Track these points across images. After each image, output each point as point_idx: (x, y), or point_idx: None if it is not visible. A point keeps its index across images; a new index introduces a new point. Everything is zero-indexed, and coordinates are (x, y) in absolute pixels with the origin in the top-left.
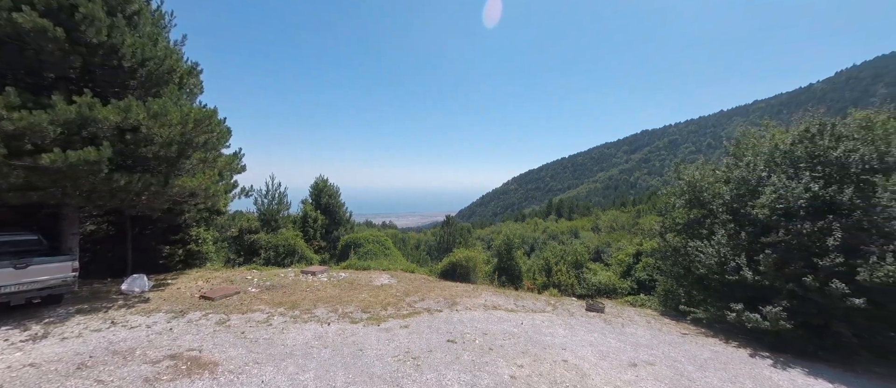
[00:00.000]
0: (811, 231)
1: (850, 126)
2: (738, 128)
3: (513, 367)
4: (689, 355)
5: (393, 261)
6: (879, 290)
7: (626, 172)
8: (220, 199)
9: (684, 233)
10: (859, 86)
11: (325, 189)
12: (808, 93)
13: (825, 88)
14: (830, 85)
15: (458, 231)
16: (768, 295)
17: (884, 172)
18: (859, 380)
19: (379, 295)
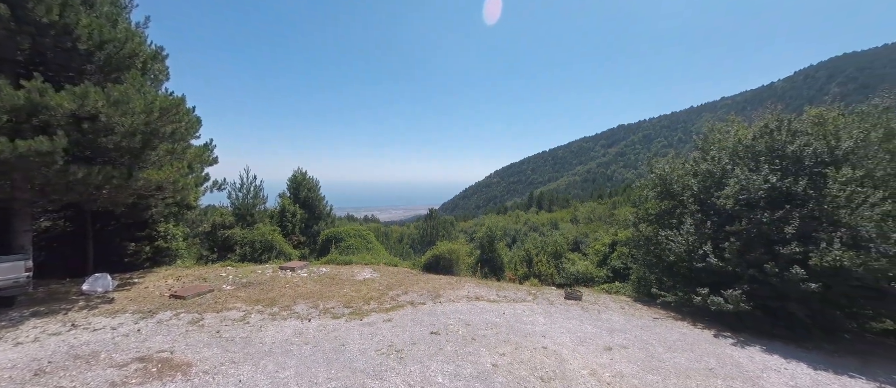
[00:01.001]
0: (770, 220)
1: (804, 122)
2: (706, 123)
3: (495, 356)
4: (660, 337)
5: (375, 255)
6: (828, 273)
7: (604, 166)
8: (191, 192)
9: (656, 223)
10: (815, 85)
11: (303, 182)
12: (769, 90)
13: (785, 86)
14: (790, 83)
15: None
16: (731, 280)
17: (834, 165)
18: (810, 355)
19: (361, 290)
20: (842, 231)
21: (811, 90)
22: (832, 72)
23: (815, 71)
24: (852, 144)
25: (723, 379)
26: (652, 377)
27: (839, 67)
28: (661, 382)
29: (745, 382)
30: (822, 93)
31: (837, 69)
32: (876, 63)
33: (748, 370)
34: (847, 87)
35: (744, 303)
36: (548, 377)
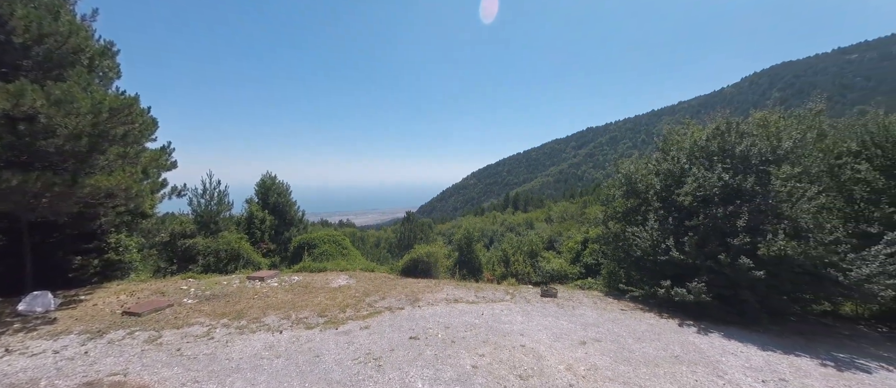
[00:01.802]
0: (724, 215)
1: (750, 125)
2: (666, 126)
3: (474, 357)
4: (629, 329)
5: (351, 261)
6: (774, 262)
7: (575, 167)
8: (146, 200)
9: (623, 220)
10: (759, 90)
11: (273, 187)
12: (720, 95)
13: (733, 91)
14: (737, 89)
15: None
16: (692, 272)
17: (776, 163)
18: (761, 338)
19: (336, 297)
20: (785, 223)
21: (755, 95)
22: (773, 78)
23: (758, 78)
24: (791, 144)
25: (687, 365)
26: (623, 367)
27: (779, 74)
28: (632, 372)
29: (706, 366)
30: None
31: (777, 76)
32: (809, 71)
33: (709, 355)
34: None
35: (704, 294)
36: (526, 375)
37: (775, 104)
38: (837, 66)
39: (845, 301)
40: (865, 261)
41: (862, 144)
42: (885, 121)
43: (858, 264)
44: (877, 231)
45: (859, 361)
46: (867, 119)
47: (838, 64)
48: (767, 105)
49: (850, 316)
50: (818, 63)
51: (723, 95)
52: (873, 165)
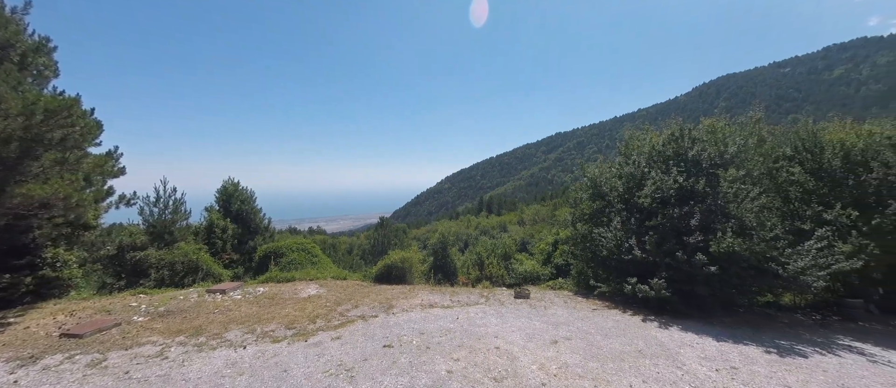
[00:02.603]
0: (679, 215)
1: (701, 131)
2: (627, 132)
3: (450, 362)
4: (598, 326)
5: (322, 269)
6: (724, 257)
7: (545, 170)
8: (88, 209)
9: (590, 222)
10: (708, 99)
11: (236, 194)
12: (674, 104)
13: (686, 100)
14: (689, 98)
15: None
16: (653, 269)
17: (723, 167)
18: (714, 329)
19: (306, 308)
20: (732, 222)
21: (704, 104)
22: (719, 89)
23: (707, 88)
24: (736, 149)
25: (650, 358)
26: (592, 364)
27: (724, 84)
28: (600, 367)
29: (667, 359)
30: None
31: (723, 87)
32: (750, 82)
33: (669, 347)
34: (731, 101)
35: (664, 290)
36: (501, 377)
37: (722, 112)
38: (774, 78)
39: (785, 292)
40: (800, 255)
41: (795, 149)
42: (814, 128)
43: (794, 258)
44: (809, 228)
45: (797, 347)
46: (799, 127)
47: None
48: (715, 113)
49: (789, 306)
50: (757, 75)
51: (677, 103)
52: (804, 168)
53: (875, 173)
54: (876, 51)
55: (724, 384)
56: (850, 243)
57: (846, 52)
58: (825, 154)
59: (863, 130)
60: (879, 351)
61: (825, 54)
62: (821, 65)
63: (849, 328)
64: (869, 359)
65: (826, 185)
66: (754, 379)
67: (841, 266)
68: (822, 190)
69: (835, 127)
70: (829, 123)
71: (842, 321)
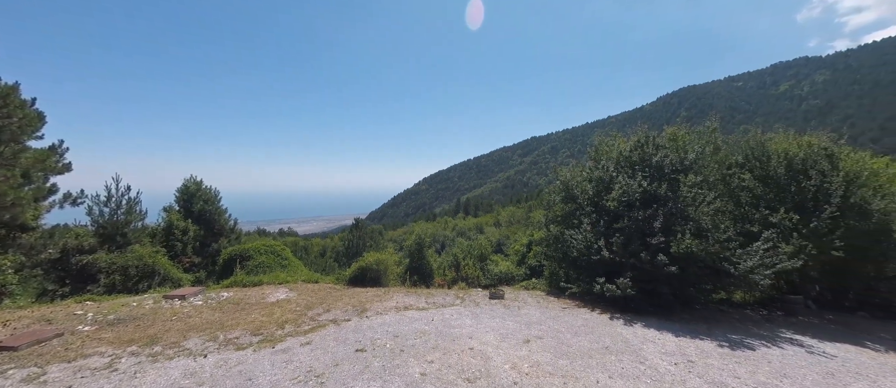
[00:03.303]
0: (643, 217)
1: (664, 138)
2: (597, 138)
3: (423, 364)
4: (568, 325)
5: (292, 272)
6: (683, 258)
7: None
8: (26, 209)
9: (562, 224)
10: (670, 108)
11: (198, 193)
12: (640, 112)
13: (651, 109)
14: (653, 107)
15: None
16: (620, 269)
17: (683, 172)
18: (674, 325)
19: (274, 313)
20: (690, 224)
21: (668, 113)
22: (681, 99)
23: (670, 98)
24: (694, 156)
25: (615, 354)
26: (562, 361)
27: (685, 96)
28: (570, 365)
29: (631, 354)
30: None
31: (684, 97)
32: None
33: (633, 343)
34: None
35: (629, 288)
36: (474, 377)
37: (682, 121)
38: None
39: (736, 290)
40: (749, 255)
41: (745, 157)
42: (762, 139)
43: (744, 258)
44: (757, 230)
45: (746, 340)
46: (749, 137)
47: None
48: (677, 122)
49: (739, 302)
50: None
51: (643, 111)
52: (754, 175)
53: (813, 180)
54: (815, 70)
55: (682, 376)
56: (792, 244)
57: (790, 70)
58: (771, 162)
59: (803, 142)
60: (816, 343)
61: (772, 71)
62: (769, 80)
63: (790, 321)
64: (807, 351)
65: (772, 190)
66: (708, 372)
67: (784, 265)
68: (768, 195)
69: (780, 138)
70: (775, 134)
71: (785, 316)
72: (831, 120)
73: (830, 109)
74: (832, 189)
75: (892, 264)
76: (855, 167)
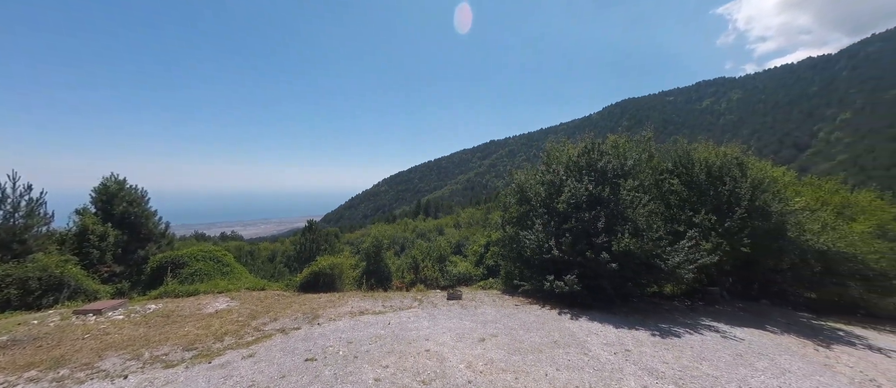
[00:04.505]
0: (589, 218)
1: (607, 145)
2: (549, 143)
3: (378, 369)
4: (521, 321)
5: (234, 280)
6: (622, 255)
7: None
8: None
9: (517, 224)
10: (614, 118)
11: (120, 194)
12: (588, 121)
13: (597, 118)
14: (600, 116)
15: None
16: (568, 267)
17: (623, 177)
18: (614, 318)
19: (212, 325)
20: (628, 224)
21: (612, 122)
22: (623, 110)
23: (613, 108)
24: (632, 162)
25: (563, 347)
26: (515, 357)
27: (626, 107)
28: (522, 360)
29: (577, 347)
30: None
31: (626, 108)
32: (645, 107)
33: (579, 336)
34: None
35: (576, 285)
36: (429, 379)
37: (624, 130)
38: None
39: (666, 283)
40: (677, 252)
41: (674, 164)
42: (687, 148)
43: (672, 255)
44: (683, 229)
45: (674, 328)
46: (677, 146)
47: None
48: (619, 131)
49: (669, 295)
50: (651, 101)
51: (590, 120)
52: (681, 180)
53: (727, 186)
54: (730, 89)
55: (620, 365)
56: (711, 242)
57: (711, 88)
58: (695, 169)
59: (720, 152)
60: (729, 328)
61: (697, 88)
62: (694, 96)
63: (709, 310)
64: (722, 336)
65: (695, 194)
66: (642, 359)
67: (704, 260)
68: (692, 198)
69: (702, 148)
70: (698, 145)
71: (705, 306)
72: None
73: (742, 123)
74: (742, 193)
75: (787, 258)
76: (759, 175)
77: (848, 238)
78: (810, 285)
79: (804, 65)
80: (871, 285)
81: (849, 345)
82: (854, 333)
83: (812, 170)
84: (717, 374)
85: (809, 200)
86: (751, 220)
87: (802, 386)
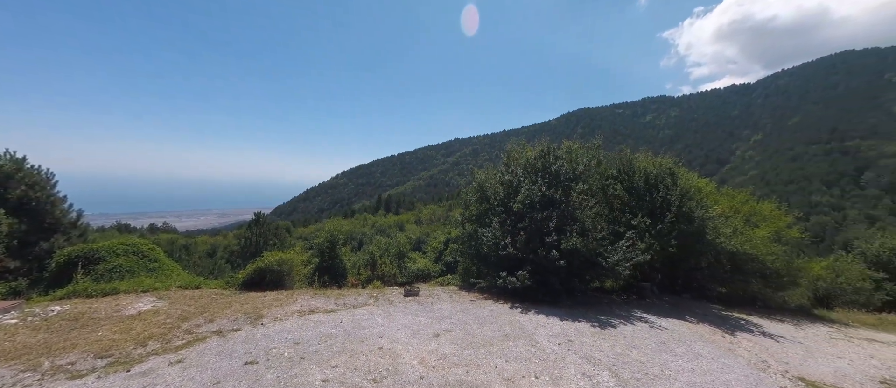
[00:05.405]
0: (542, 218)
1: (562, 150)
2: (509, 145)
3: (327, 370)
4: (475, 316)
5: (163, 277)
6: (570, 253)
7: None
8: None
9: (477, 222)
10: (570, 125)
11: (18, 175)
12: (546, 126)
13: (555, 124)
14: (558, 122)
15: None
16: (521, 264)
17: (574, 181)
18: (560, 311)
19: (132, 328)
20: (577, 225)
21: (568, 129)
22: (578, 118)
23: (570, 116)
24: (583, 167)
25: (513, 340)
26: (468, 351)
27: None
28: (474, 354)
29: (526, 339)
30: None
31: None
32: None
33: (528, 329)
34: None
35: (527, 280)
36: (381, 377)
37: (578, 137)
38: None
39: (607, 279)
40: (617, 251)
41: (618, 171)
42: (630, 157)
43: (612, 253)
44: (622, 231)
45: (611, 320)
46: (622, 155)
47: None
48: (574, 137)
49: (609, 289)
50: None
51: (548, 126)
52: (623, 186)
53: (660, 193)
54: (670, 107)
55: (563, 354)
56: (645, 242)
57: (654, 104)
58: (635, 177)
59: (656, 162)
60: (656, 319)
61: (643, 103)
62: (640, 111)
63: (641, 303)
64: (650, 326)
65: (634, 199)
66: (582, 348)
67: (639, 258)
68: (632, 203)
69: (642, 157)
70: (639, 154)
71: (638, 299)
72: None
73: (677, 138)
74: (672, 200)
75: (705, 257)
76: (687, 184)
77: (752, 242)
78: (722, 281)
79: (729, 91)
80: (767, 282)
81: (748, 332)
82: (753, 321)
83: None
84: (644, 359)
85: (725, 208)
86: (678, 224)
87: (711, 368)
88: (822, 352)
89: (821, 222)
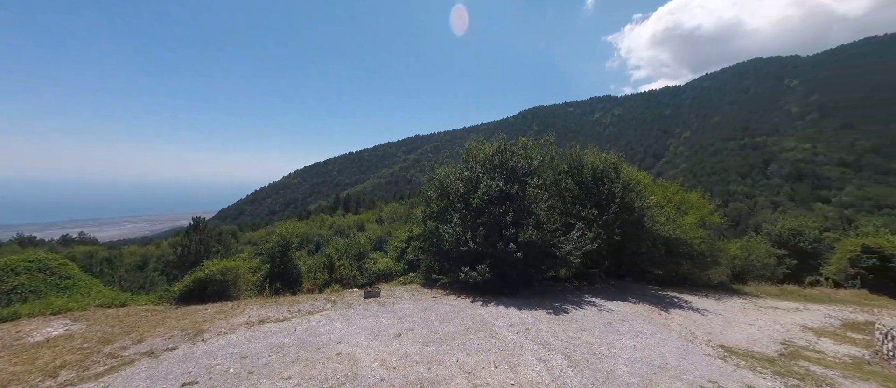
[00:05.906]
0: (500, 213)
1: (518, 147)
2: (468, 142)
3: (279, 382)
4: (437, 313)
5: (79, 296)
6: (526, 245)
7: (405, 170)
8: None
9: (438, 219)
10: (526, 123)
11: None
12: (505, 123)
13: (512, 121)
14: (515, 119)
15: (215, 237)
16: (482, 258)
17: (530, 176)
18: (518, 302)
19: (39, 358)
20: (533, 218)
21: (523, 126)
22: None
23: (526, 114)
24: (537, 163)
25: (474, 333)
26: (429, 348)
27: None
28: (436, 350)
29: (487, 331)
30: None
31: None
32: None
33: (488, 321)
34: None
35: (487, 273)
36: (339, 383)
37: (533, 134)
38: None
39: (560, 268)
40: (569, 241)
41: (569, 166)
42: (580, 153)
43: (565, 243)
44: (574, 222)
45: (565, 306)
46: (572, 151)
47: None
48: (529, 134)
49: (563, 278)
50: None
51: (506, 123)
52: (574, 180)
53: (606, 185)
54: (614, 106)
55: (521, 342)
56: (594, 232)
57: (601, 104)
58: (584, 171)
59: (602, 157)
60: (603, 302)
61: (591, 102)
62: (588, 109)
63: (591, 289)
64: (598, 309)
65: (584, 192)
66: (538, 335)
67: (588, 247)
68: (582, 196)
69: (590, 153)
70: (588, 150)
71: (588, 285)
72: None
73: (621, 135)
74: (616, 192)
75: (644, 243)
76: (628, 177)
77: (682, 228)
78: (658, 264)
79: (663, 92)
80: (695, 262)
81: (680, 308)
82: (683, 298)
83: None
84: (593, 340)
85: (660, 198)
86: (621, 213)
87: (649, 343)
88: (737, 321)
89: (737, 208)
